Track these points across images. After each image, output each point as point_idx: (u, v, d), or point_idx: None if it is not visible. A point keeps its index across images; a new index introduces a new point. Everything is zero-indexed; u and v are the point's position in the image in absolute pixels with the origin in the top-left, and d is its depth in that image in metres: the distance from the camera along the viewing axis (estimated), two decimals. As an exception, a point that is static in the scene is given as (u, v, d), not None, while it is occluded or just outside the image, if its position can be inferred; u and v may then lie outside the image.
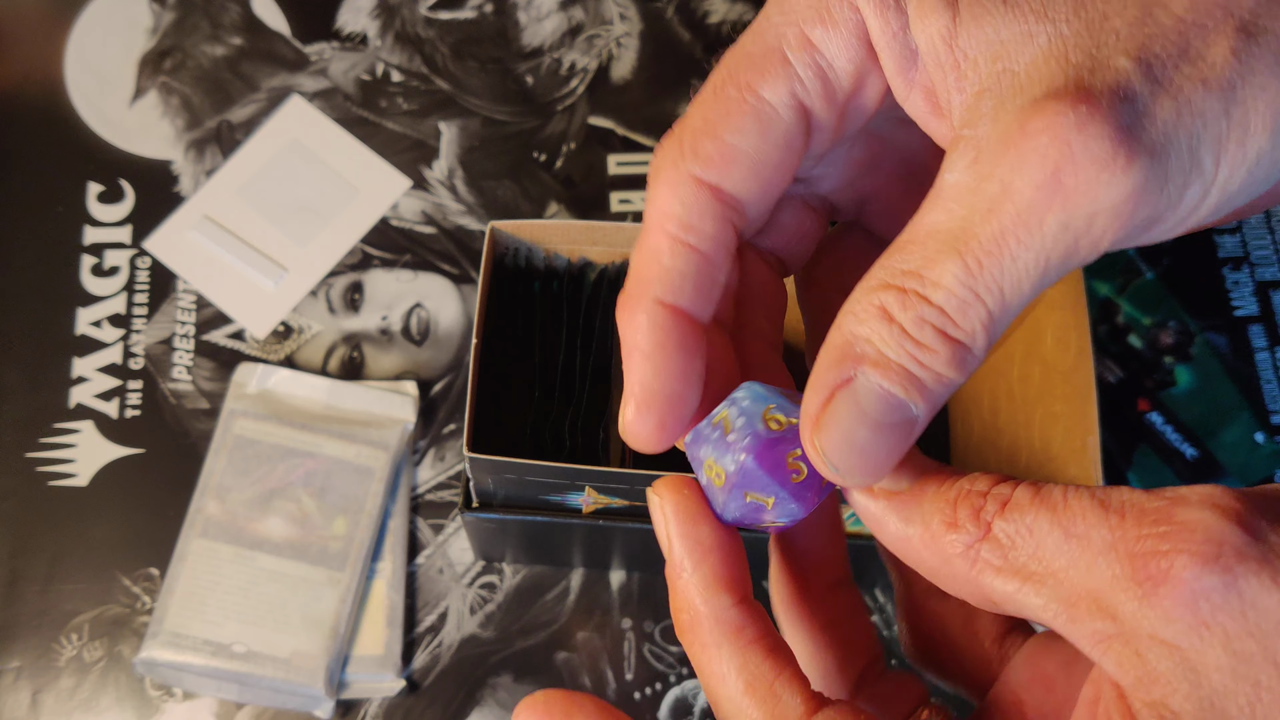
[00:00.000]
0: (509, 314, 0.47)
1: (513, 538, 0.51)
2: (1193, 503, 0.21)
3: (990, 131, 0.23)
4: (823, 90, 0.26)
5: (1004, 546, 0.23)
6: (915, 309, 0.24)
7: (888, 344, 0.24)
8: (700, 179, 0.26)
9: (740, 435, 0.26)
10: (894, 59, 0.26)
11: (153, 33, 0.67)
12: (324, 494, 0.55)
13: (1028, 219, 0.22)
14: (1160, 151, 0.22)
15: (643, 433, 0.27)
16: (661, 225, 0.27)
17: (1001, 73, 0.23)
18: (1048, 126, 0.22)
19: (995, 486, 0.23)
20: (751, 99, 0.26)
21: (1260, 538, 0.20)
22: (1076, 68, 0.22)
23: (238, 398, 0.57)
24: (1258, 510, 0.21)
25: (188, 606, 0.53)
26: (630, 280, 0.27)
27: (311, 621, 0.53)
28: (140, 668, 0.52)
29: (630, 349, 0.27)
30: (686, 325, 0.27)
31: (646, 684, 0.55)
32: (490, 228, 0.44)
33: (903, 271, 0.24)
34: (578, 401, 0.46)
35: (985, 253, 0.23)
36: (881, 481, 0.25)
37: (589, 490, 0.43)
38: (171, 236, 0.62)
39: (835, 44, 0.26)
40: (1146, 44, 0.22)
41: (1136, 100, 0.22)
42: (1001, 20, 0.24)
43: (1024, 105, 0.23)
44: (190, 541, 0.54)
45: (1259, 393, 0.61)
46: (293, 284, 0.61)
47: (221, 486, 0.55)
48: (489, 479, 0.43)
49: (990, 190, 0.23)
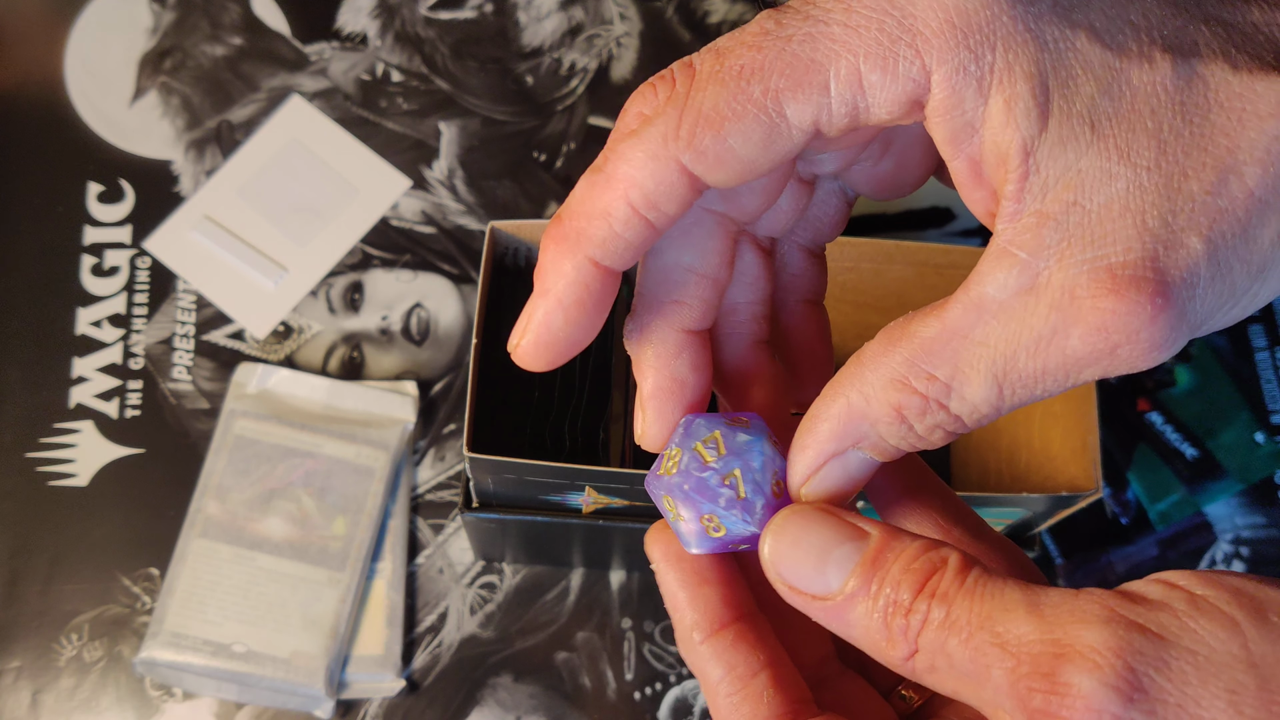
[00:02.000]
0: (509, 314, 0.47)
1: (513, 537, 0.51)
2: (1076, 658, 0.22)
3: (1055, 275, 0.24)
4: (847, 125, 0.26)
5: (931, 663, 0.25)
6: (934, 417, 0.25)
7: (893, 438, 0.26)
8: (686, 168, 0.26)
9: (754, 506, 0.28)
10: (948, 129, 0.25)
11: (153, 33, 0.67)
12: (324, 494, 0.55)
13: (1070, 368, 0.24)
14: (1196, 328, 0.24)
15: (531, 363, 0.28)
16: (626, 190, 0.26)
17: (1072, 205, 0.24)
18: (1124, 311, 0.23)
19: (916, 599, 0.25)
20: (773, 111, 0.25)
21: (1137, 700, 0.22)
22: (1154, 239, 0.24)
23: (238, 398, 0.57)
24: (1140, 662, 0.22)
25: (188, 606, 0.53)
26: (569, 218, 0.27)
27: (311, 621, 0.53)
28: (140, 668, 0.52)
29: (546, 289, 0.27)
30: (610, 286, 0.28)
31: (646, 684, 0.55)
32: (490, 228, 0.44)
33: (928, 376, 0.25)
34: (578, 401, 0.45)
35: (1021, 384, 0.25)
36: (814, 585, 0.26)
37: (589, 490, 0.43)
38: (171, 236, 0.62)
39: (885, 93, 0.25)
40: (1218, 220, 0.24)
41: (1199, 287, 0.24)
42: (1085, 148, 0.24)
43: (1098, 268, 0.24)
44: (190, 541, 0.54)
45: (1259, 393, 0.61)
46: (293, 284, 0.61)
47: (221, 486, 0.55)
48: (489, 479, 0.43)
49: (1039, 329, 0.24)
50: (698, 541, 0.28)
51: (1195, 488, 0.59)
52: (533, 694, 0.54)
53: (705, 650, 0.28)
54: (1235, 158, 0.24)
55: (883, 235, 0.63)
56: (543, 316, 0.27)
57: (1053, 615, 0.23)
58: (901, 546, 0.26)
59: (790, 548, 0.26)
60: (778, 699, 0.28)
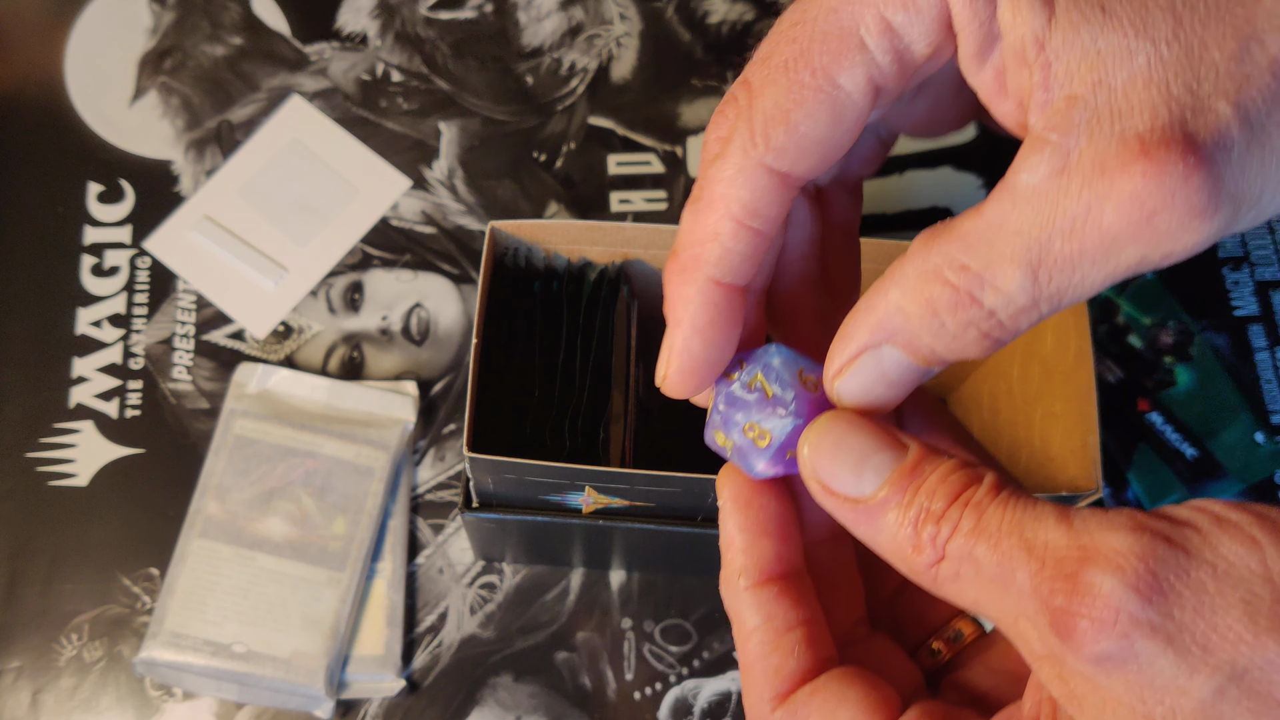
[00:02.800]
0: (509, 314, 0.47)
1: (513, 537, 0.51)
2: (1100, 560, 0.23)
3: (1086, 151, 0.24)
4: (899, 71, 0.26)
5: (956, 571, 0.25)
6: (966, 312, 0.25)
7: (927, 334, 0.26)
8: (772, 168, 0.27)
9: (785, 399, 0.28)
10: (973, 43, 0.26)
11: (153, 33, 0.67)
12: (324, 494, 0.55)
13: (1109, 247, 0.23)
14: (1241, 200, 0.23)
15: (680, 391, 0.29)
16: (726, 207, 0.27)
17: (1098, 84, 0.24)
18: (1155, 172, 0.23)
19: (949, 507, 0.25)
20: (828, 86, 0.26)
21: (1155, 601, 0.22)
22: (1180, 105, 0.23)
23: (238, 397, 0.57)
24: (1162, 567, 0.23)
25: (188, 606, 0.53)
26: (683, 250, 0.28)
27: (311, 621, 0.53)
28: (140, 668, 0.52)
29: (679, 319, 0.28)
30: (738, 301, 0.29)
31: (646, 684, 0.55)
32: (490, 228, 0.44)
33: (961, 266, 0.25)
34: (578, 401, 0.46)
35: (1058, 269, 0.24)
36: (849, 487, 0.27)
37: (589, 490, 0.43)
38: (171, 236, 0.62)
39: (916, 29, 0.26)
40: (1244, 86, 0.23)
41: (1233, 151, 0.23)
42: (1100, 29, 0.24)
43: (1127, 136, 0.23)
44: (190, 541, 0.54)
45: (1259, 393, 0.61)
46: (293, 284, 0.61)
47: (221, 486, 0.55)
48: (489, 479, 0.43)
49: (1073, 209, 0.23)
50: (756, 459, 0.28)
51: (1195, 488, 0.59)
52: (533, 694, 0.54)
53: (748, 597, 0.29)
54: (1254, 25, 0.24)
55: (882, 235, 0.63)
56: (681, 344, 0.29)
57: (1082, 525, 0.24)
58: (939, 460, 0.26)
59: (830, 448, 0.27)
60: (806, 655, 0.28)
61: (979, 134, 0.66)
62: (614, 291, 0.47)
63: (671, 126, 0.66)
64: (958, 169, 0.65)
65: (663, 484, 0.41)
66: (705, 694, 0.54)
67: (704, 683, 0.55)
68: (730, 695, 0.54)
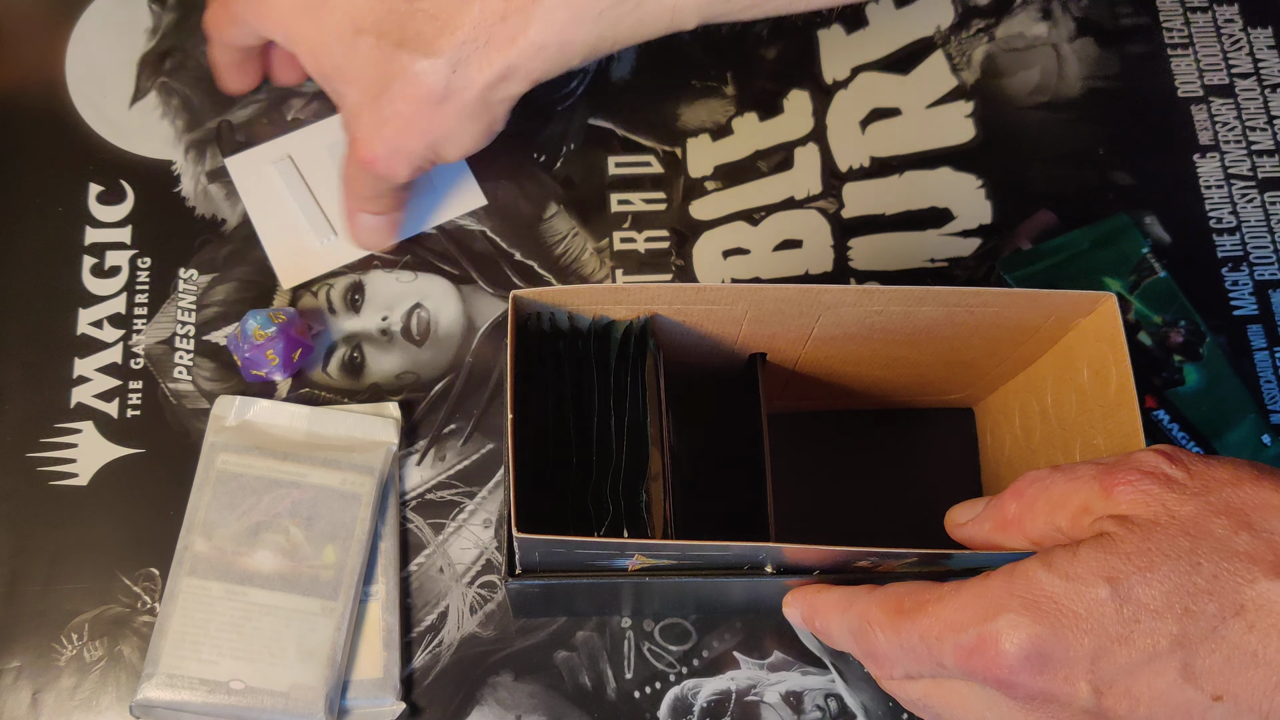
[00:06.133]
0: (539, 381, 0.46)
1: (557, 599, 0.50)
2: (1141, 454, 0.37)
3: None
4: None
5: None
6: None
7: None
8: None
9: (274, 341, 0.56)
10: None
11: (153, 33, 0.67)
12: (312, 523, 0.55)
13: None
14: None
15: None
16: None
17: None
18: None
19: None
20: None
21: (1177, 464, 0.36)
22: None
23: (217, 430, 0.57)
24: (1185, 456, 0.37)
25: (181, 646, 0.52)
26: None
27: (308, 653, 0.52)
28: (137, 710, 0.51)
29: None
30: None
31: (646, 683, 0.55)
32: (511, 296, 0.43)
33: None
34: (616, 464, 0.45)
35: None
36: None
37: (638, 555, 0.42)
38: (251, 163, 0.63)
39: None
40: None
41: None
42: None
43: None
44: (180, 580, 0.53)
45: (1259, 393, 0.61)
46: (335, 250, 0.62)
47: (208, 522, 0.54)
48: (536, 553, 0.42)
49: None
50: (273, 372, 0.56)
51: (1196, 487, 0.59)
52: (533, 693, 0.54)
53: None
54: None
55: (881, 235, 0.63)
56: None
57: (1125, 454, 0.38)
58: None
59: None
60: None
61: (979, 134, 0.66)
62: (641, 348, 0.46)
63: (671, 127, 0.66)
64: (957, 169, 0.65)
65: (714, 550, 0.41)
66: (705, 693, 0.54)
67: (703, 682, 0.55)
68: (730, 694, 0.54)
